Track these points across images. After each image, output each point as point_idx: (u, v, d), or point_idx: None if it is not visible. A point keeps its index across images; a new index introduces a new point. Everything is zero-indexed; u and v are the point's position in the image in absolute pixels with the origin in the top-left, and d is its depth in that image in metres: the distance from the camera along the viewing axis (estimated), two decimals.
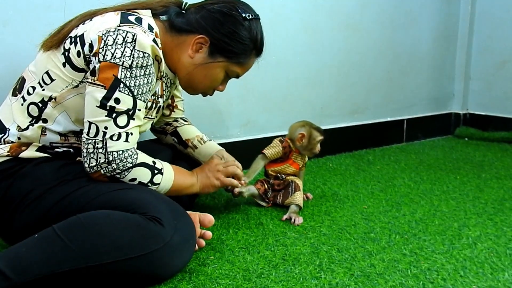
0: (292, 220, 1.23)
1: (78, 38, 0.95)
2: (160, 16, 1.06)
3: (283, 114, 1.88)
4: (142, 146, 1.05)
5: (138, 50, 0.92)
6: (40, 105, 0.98)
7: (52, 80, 0.97)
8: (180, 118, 1.35)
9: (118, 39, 0.91)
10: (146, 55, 0.93)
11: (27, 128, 0.98)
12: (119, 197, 0.91)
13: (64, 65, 0.96)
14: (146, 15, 1.02)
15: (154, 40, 0.95)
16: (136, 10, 1.02)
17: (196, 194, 1.37)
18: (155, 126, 1.34)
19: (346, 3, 2.00)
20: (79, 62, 0.95)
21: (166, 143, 1.34)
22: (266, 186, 1.37)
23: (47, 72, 0.97)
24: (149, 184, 0.98)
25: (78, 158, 1.01)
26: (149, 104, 1.05)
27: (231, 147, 1.41)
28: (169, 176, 1.03)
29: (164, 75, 1.07)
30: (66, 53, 0.96)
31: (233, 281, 0.92)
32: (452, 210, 1.34)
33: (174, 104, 1.32)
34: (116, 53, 0.90)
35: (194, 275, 0.94)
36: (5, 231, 0.99)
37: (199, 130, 1.35)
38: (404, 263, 1.00)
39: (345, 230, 1.18)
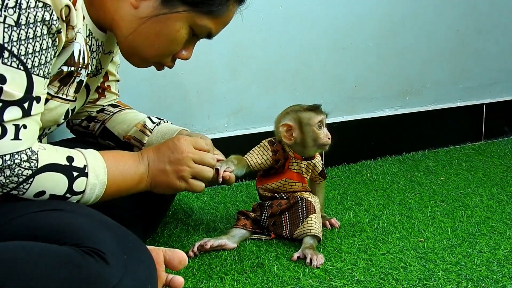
0: (308, 260, 1.24)
1: None
2: None
3: (293, 96, 1.89)
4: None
5: None
6: None
7: None
8: (109, 105, 1.34)
9: None
10: (41, 4, 0.91)
11: None
12: (41, 221, 0.91)
13: None
14: None
15: None
16: None
17: (167, 206, 1.38)
18: (73, 123, 1.33)
19: None
20: None
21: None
22: (253, 215, 1.38)
23: None
24: (68, 195, 0.97)
25: None
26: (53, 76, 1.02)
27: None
28: (98, 173, 1.00)
29: (87, 34, 1.06)
30: None
31: None
32: None
33: (106, 86, 1.31)
34: None
35: None
36: None
37: (139, 113, 1.33)
38: None
39: (390, 276, 1.19)
